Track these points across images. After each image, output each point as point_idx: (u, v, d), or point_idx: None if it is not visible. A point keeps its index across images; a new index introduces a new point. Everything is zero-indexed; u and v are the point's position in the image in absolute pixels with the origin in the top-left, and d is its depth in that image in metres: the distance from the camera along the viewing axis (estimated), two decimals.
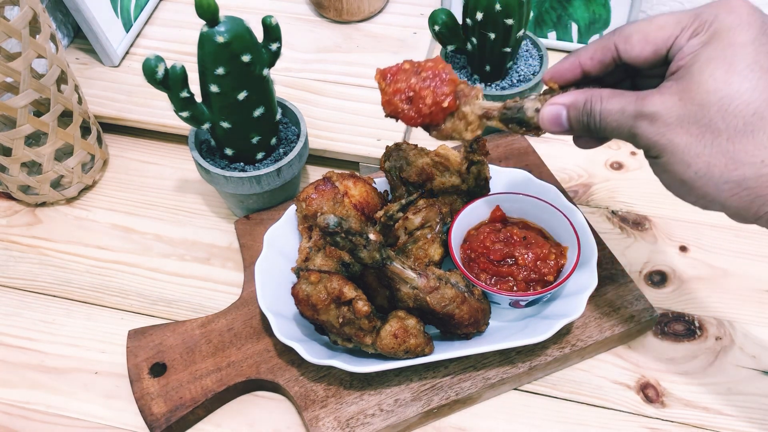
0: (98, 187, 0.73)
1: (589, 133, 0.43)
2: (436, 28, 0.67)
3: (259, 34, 0.57)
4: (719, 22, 0.38)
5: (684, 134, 0.38)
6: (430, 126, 0.50)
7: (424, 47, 0.82)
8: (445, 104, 0.48)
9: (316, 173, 0.73)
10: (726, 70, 0.37)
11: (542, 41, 0.75)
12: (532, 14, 0.82)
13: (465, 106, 0.49)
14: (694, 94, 0.38)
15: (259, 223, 0.65)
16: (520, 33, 0.66)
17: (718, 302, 0.62)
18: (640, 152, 0.74)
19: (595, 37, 0.83)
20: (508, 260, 0.56)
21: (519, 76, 0.70)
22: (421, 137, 0.76)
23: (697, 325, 0.60)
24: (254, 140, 0.61)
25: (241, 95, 0.57)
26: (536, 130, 0.47)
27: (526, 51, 0.72)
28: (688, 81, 0.38)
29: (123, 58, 0.81)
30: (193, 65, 0.56)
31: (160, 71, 0.55)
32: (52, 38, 0.64)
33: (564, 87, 0.46)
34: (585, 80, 0.45)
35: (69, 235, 0.69)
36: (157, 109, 0.75)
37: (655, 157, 0.40)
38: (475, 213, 0.59)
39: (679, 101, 0.38)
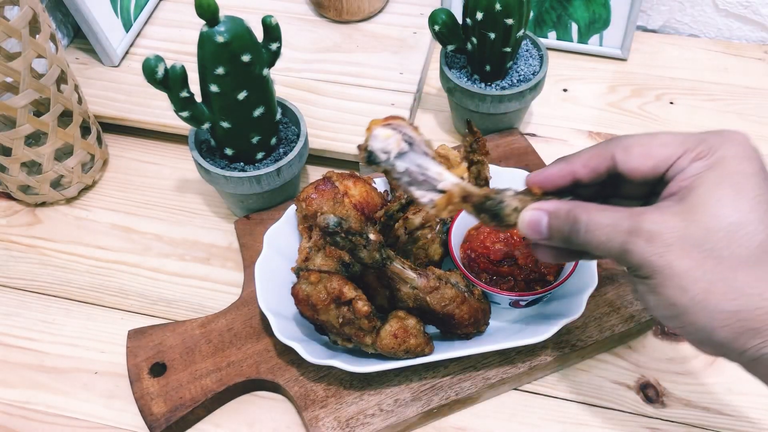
0: (98, 187, 0.73)
1: (568, 244, 0.40)
2: (436, 27, 0.67)
3: (259, 34, 0.57)
4: (725, 150, 0.38)
5: (684, 257, 0.36)
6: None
7: (424, 47, 0.82)
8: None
9: (316, 173, 0.73)
10: (734, 197, 0.36)
11: (542, 41, 0.75)
12: (532, 14, 0.82)
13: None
14: (699, 216, 0.36)
15: (259, 223, 0.65)
16: (520, 33, 0.66)
17: None
18: None
19: (595, 38, 0.83)
20: (508, 260, 0.56)
21: (519, 75, 0.70)
22: None
23: None
24: (254, 140, 0.61)
25: (241, 95, 0.57)
26: (506, 227, 0.43)
27: (526, 51, 0.72)
28: (693, 203, 0.37)
29: (123, 58, 0.81)
30: (193, 65, 0.56)
31: (160, 71, 0.55)
32: (52, 38, 0.64)
33: (547, 194, 0.43)
34: (565, 190, 0.43)
35: (69, 235, 0.69)
36: (156, 109, 0.75)
37: (645, 277, 0.38)
38: None
39: (681, 222, 0.36)
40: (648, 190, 0.42)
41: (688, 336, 0.38)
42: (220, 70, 0.55)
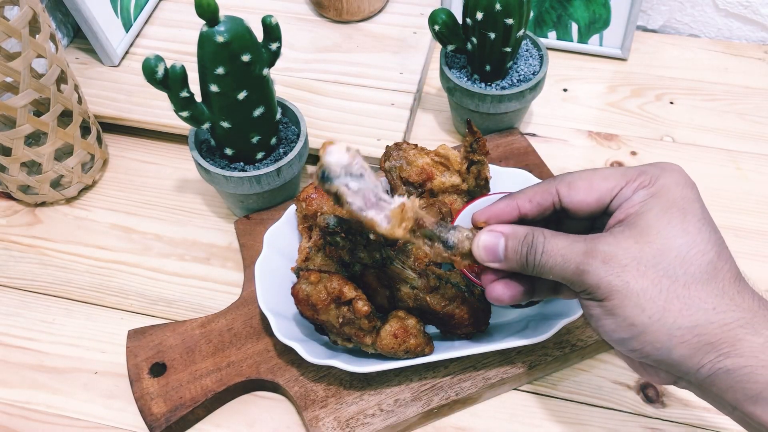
0: (98, 186, 0.73)
1: (523, 267, 0.42)
2: (436, 27, 0.67)
3: (259, 34, 0.57)
4: (665, 179, 0.40)
5: (640, 277, 0.37)
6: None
7: (424, 47, 0.82)
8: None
9: None
10: (682, 220, 0.38)
11: (542, 41, 0.75)
12: (532, 14, 0.82)
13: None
14: (652, 239, 0.38)
15: (259, 223, 0.65)
16: (520, 33, 0.66)
17: None
18: (640, 152, 0.74)
19: (595, 38, 0.83)
20: None
21: (519, 75, 0.70)
22: (421, 137, 0.76)
23: None
24: (254, 140, 0.61)
25: (241, 95, 0.57)
26: (457, 257, 0.44)
27: (526, 51, 0.72)
28: (644, 227, 0.38)
29: (123, 57, 0.81)
30: (193, 65, 0.56)
31: (160, 71, 0.55)
32: (52, 38, 0.64)
33: None
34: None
35: (69, 235, 0.69)
36: (156, 108, 0.75)
37: (602, 299, 0.39)
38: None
39: (635, 244, 0.38)
40: (589, 226, 0.43)
41: (645, 358, 0.39)
42: (220, 70, 0.55)
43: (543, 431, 0.55)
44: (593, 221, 0.43)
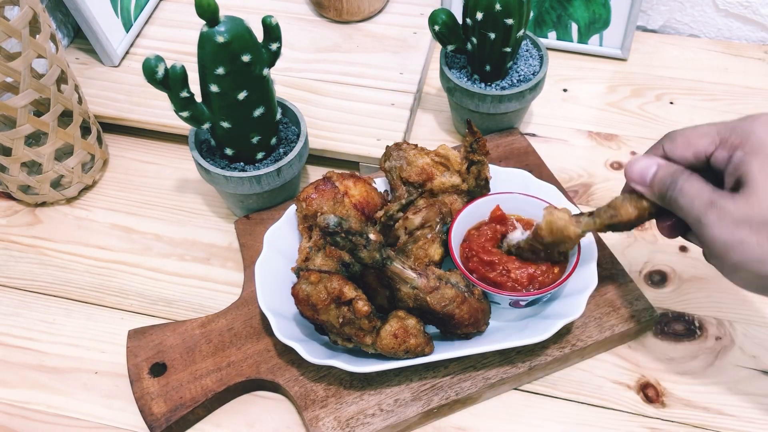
0: (98, 187, 0.73)
1: (662, 197, 0.46)
2: (436, 27, 0.67)
3: (259, 34, 0.57)
4: (756, 134, 0.43)
5: (754, 234, 0.42)
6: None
7: (424, 47, 0.82)
8: None
9: (316, 173, 0.73)
10: None
11: (542, 41, 0.75)
12: (532, 14, 0.82)
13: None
14: (761, 199, 0.41)
15: (259, 223, 0.65)
16: (520, 33, 0.66)
17: (718, 302, 0.61)
18: (640, 153, 0.74)
19: (595, 38, 0.83)
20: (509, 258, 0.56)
21: (519, 75, 0.70)
22: (421, 137, 0.76)
23: (697, 325, 0.60)
24: (254, 140, 0.61)
25: (241, 95, 0.57)
26: (627, 226, 0.50)
27: (526, 51, 0.72)
28: (749, 186, 0.42)
29: (123, 58, 0.81)
30: (193, 65, 0.56)
31: (160, 71, 0.55)
32: (52, 38, 0.64)
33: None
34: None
35: (69, 235, 0.69)
36: (157, 109, 0.75)
37: (719, 256, 0.43)
38: (475, 213, 0.59)
39: (745, 203, 0.42)
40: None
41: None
42: (220, 70, 0.55)
43: (543, 431, 0.55)
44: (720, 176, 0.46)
